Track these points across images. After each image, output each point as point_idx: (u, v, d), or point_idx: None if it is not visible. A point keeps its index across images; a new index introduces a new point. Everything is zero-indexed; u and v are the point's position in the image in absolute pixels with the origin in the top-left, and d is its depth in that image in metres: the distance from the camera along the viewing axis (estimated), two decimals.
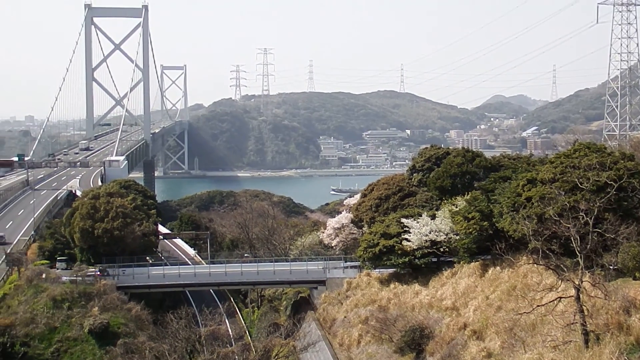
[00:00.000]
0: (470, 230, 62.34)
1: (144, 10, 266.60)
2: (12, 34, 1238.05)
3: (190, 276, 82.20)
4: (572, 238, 40.47)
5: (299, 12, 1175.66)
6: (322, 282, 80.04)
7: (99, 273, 78.66)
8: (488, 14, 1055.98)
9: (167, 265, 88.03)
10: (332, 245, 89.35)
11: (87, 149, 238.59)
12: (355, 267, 78.78)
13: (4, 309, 70.83)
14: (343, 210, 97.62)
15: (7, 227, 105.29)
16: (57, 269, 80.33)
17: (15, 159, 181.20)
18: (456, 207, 68.54)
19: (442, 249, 68.49)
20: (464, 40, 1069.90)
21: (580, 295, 38.74)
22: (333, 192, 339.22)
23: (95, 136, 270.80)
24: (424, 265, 68.89)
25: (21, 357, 62.59)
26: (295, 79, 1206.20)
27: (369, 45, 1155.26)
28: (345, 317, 69.69)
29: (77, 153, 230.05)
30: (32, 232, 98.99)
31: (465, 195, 69.99)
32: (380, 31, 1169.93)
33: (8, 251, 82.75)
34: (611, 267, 45.16)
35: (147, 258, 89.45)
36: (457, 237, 66.13)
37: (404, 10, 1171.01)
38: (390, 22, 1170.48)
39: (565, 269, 40.85)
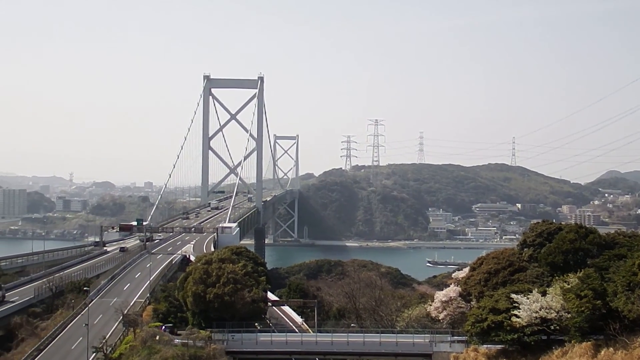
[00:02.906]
0: (583, 308, 60.92)
1: (259, 81, 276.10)
2: (135, 104, 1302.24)
3: (297, 344, 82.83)
4: None
5: (410, 84, 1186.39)
6: (428, 356, 79.14)
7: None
8: (602, 88, 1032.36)
9: (275, 332, 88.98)
10: (440, 318, 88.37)
11: (217, 208, 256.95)
12: (462, 341, 77.56)
13: None
14: (451, 283, 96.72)
15: (124, 288, 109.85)
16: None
17: (135, 223, 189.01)
18: (568, 284, 67.12)
19: (552, 327, 66.88)
20: (577, 114, 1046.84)
21: None
22: (429, 265, 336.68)
23: (209, 203, 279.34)
24: (534, 342, 67.40)
25: None
26: (405, 150, 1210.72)
27: (480, 117, 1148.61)
28: None
29: (209, 211, 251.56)
30: (148, 295, 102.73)
31: (578, 273, 68.53)
32: (492, 104, 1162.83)
33: (125, 312, 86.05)
34: None
35: (256, 324, 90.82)
36: (569, 315, 64.63)
37: (516, 84, 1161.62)
38: (502, 95, 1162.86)
39: None
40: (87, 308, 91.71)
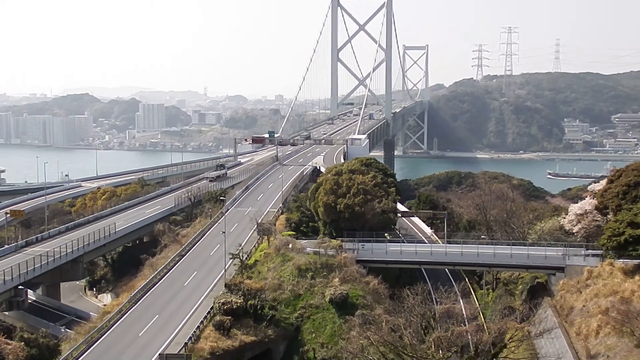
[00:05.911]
0: None
1: None
2: (266, 18, 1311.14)
3: (426, 254, 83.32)
4: None
5: None
6: (560, 269, 77.83)
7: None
8: None
9: (404, 243, 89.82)
10: (573, 231, 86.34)
11: (357, 114, 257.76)
12: (596, 255, 75.62)
13: (255, 274, 76.97)
14: (587, 196, 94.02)
15: (258, 198, 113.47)
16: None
17: (267, 135, 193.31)
18: None
19: None
20: None
21: None
22: (549, 177, 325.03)
23: (339, 115, 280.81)
24: None
25: (269, 319, 67.66)
26: (539, 58, 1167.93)
27: (621, 21, 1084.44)
28: (583, 306, 67.52)
29: (355, 115, 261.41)
30: (280, 205, 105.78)
31: None
32: (634, 7, 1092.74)
33: (259, 221, 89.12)
34: None
35: (385, 234, 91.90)
36: None
37: None
38: None
39: None
40: (223, 217, 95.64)
